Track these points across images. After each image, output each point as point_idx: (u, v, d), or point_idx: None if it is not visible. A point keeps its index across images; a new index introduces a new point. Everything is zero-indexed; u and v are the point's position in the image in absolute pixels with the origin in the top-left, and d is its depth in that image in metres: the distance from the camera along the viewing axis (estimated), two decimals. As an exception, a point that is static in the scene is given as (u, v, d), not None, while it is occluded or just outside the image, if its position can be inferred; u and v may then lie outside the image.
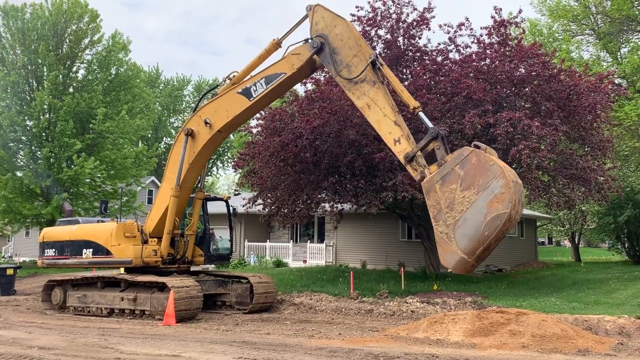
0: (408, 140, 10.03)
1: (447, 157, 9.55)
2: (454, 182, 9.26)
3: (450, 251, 9.20)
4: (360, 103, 10.68)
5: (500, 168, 8.97)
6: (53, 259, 15.31)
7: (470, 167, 9.18)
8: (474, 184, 9.08)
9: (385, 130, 10.31)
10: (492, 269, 25.55)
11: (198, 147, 13.27)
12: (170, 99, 57.85)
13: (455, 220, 9.18)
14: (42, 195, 29.10)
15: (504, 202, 8.77)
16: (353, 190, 18.48)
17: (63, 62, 29.36)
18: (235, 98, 12.55)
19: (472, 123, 15.55)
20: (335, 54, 10.99)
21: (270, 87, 12.06)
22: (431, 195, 9.53)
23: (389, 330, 10.74)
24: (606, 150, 18.82)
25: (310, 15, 11.51)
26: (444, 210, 9.30)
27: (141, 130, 32.99)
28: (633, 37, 29.63)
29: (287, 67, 11.79)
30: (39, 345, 9.56)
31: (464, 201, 9.14)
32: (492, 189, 8.90)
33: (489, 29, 18.24)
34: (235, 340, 10.04)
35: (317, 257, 28.09)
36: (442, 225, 9.33)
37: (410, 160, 9.93)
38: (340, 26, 11.05)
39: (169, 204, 13.56)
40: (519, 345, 8.72)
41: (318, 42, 11.18)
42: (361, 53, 10.71)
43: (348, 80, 10.74)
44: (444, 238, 9.28)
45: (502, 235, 9.01)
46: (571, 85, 17.10)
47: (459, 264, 9.12)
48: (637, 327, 10.50)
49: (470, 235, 8.98)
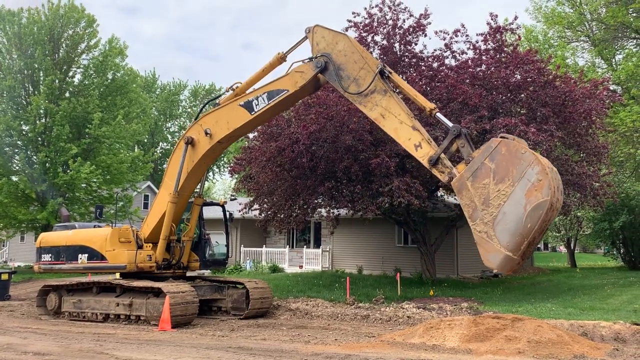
0: (430, 144, 9.79)
1: (474, 154, 9.13)
2: (486, 176, 8.78)
3: (493, 250, 8.64)
4: (374, 114, 10.51)
5: (533, 154, 8.55)
6: (49, 264, 15.27)
7: (502, 159, 8.71)
8: (508, 175, 8.59)
9: (404, 137, 10.09)
10: (488, 274, 25.56)
11: (197, 157, 13.23)
12: (167, 104, 57.86)
13: (494, 217, 8.64)
14: (38, 200, 29.02)
15: (543, 190, 8.27)
16: (349, 196, 18.48)
17: (59, 66, 29.37)
18: (237, 110, 12.47)
19: (469, 129, 15.57)
20: (340, 70, 10.90)
21: (272, 103, 11.97)
22: (464, 194, 9.03)
23: (385, 336, 10.74)
24: (601, 157, 18.89)
25: (310, 37, 11.45)
26: (480, 208, 8.77)
27: (137, 135, 32.98)
28: (628, 44, 29.82)
29: (290, 85, 11.70)
30: (34, 351, 9.51)
31: (499, 195, 8.62)
32: (528, 178, 8.41)
33: (485, 36, 18.32)
34: (231, 345, 10.01)
35: (313, 262, 28.05)
36: (479, 223, 8.79)
37: (435, 163, 9.60)
38: (342, 42, 10.99)
39: (167, 210, 13.53)
40: (515, 350, 8.73)
41: (322, 61, 11.08)
42: (367, 65, 10.62)
43: (358, 94, 10.61)
44: (484, 237, 8.73)
45: (546, 226, 8.55)
46: (566, 92, 17.18)
47: (505, 262, 8.57)
48: (633, 332, 10.51)
49: (512, 230, 8.44)
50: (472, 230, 8.96)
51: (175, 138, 60.22)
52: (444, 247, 23.06)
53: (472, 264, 25.38)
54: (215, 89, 62.05)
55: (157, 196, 14.24)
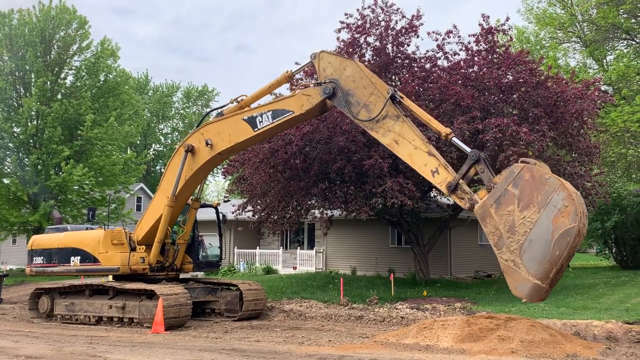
0: (447, 169, 9.62)
1: (495, 179, 9.02)
2: (510, 203, 8.66)
3: (521, 279, 8.50)
4: (387, 140, 10.33)
5: (558, 180, 8.45)
6: (41, 266, 15.18)
7: (525, 184, 8.59)
8: (533, 201, 8.47)
9: (420, 163, 9.91)
10: (481, 274, 25.65)
11: (197, 165, 13.12)
12: (160, 105, 57.66)
13: (520, 245, 8.51)
14: (30, 202, 28.85)
15: (570, 216, 8.18)
16: (343, 197, 18.50)
17: (51, 68, 29.20)
18: (240, 125, 12.29)
19: (461, 129, 15.65)
20: (350, 96, 10.73)
21: (275, 123, 11.83)
22: (487, 222, 8.90)
23: (378, 337, 10.75)
24: (593, 157, 18.99)
25: (316, 63, 11.30)
26: (505, 236, 8.64)
27: (130, 137, 32.84)
28: (619, 45, 30.03)
29: (296, 107, 11.53)
30: (26, 355, 9.45)
31: (525, 222, 8.50)
32: (554, 204, 8.31)
33: (477, 37, 18.38)
34: (225, 347, 9.99)
35: (307, 263, 28.04)
36: (505, 252, 8.65)
37: (454, 189, 9.44)
38: (350, 67, 10.84)
39: (164, 213, 13.47)
40: (508, 350, 8.76)
41: (330, 87, 10.90)
42: (377, 90, 10.46)
43: (369, 120, 10.45)
44: (511, 266, 8.60)
45: (573, 252, 8.50)
46: (558, 92, 17.27)
47: (533, 291, 8.47)
48: (625, 331, 10.58)
49: (540, 258, 8.35)
50: (498, 259, 8.82)
51: (168, 140, 60.05)
52: (437, 247, 23.11)
53: (465, 264, 25.47)
54: (208, 91, 61.93)
55: (153, 200, 14.17)
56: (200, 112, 60.67)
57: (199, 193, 15.10)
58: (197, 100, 61.75)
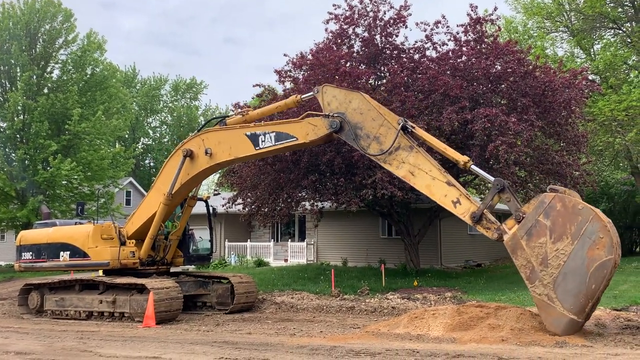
0: (469, 199, 9.46)
1: (524, 208, 8.80)
2: (542, 234, 8.42)
3: (556, 314, 8.33)
4: (402, 172, 10.13)
5: (591, 210, 8.22)
6: (30, 262, 15.07)
7: (557, 215, 8.36)
8: (566, 232, 8.23)
9: (440, 194, 9.73)
10: (471, 264, 25.80)
11: (194, 172, 13.03)
12: (147, 98, 57.25)
13: (554, 278, 8.28)
14: (18, 197, 28.61)
15: (606, 248, 7.97)
16: (333, 189, 18.50)
17: (37, 62, 28.88)
18: (242, 140, 12.14)
19: (450, 120, 15.68)
20: (358, 129, 10.55)
21: (278, 146, 11.74)
22: (519, 254, 8.66)
23: (370, 327, 10.79)
24: (581, 146, 19.11)
25: (320, 97, 11.17)
26: (538, 269, 8.41)
27: (118, 131, 32.63)
28: (606, 34, 30.14)
29: (301, 135, 11.37)
30: (16, 351, 9.40)
31: (558, 254, 8.27)
32: (588, 235, 8.07)
33: (465, 27, 18.38)
34: (216, 340, 9.99)
35: (298, 255, 28.05)
36: (539, 285, 8.42)
37: (479, 219, 9.24)
38: (357, 100, 10.67)
39: (158, 211, 13.46)
40: (498, 338, 8.82)
41: (337, 122, 10.69)
42: (387, 121, 10.30)
43: (382, 154, 10.26)
44: (545, 300, 8.39)
45: (608, 284, 8.32)
46: (546, 82, 17.33)
47: (569, 326, 8.34)
48: (613, 318, 10.70)
49: (575, 292, 8.13)
50: (530, 293, 8.59)
51: (157, 133, 59.65)
52: (428, 237, 23.20)
53: (455, 254, 25.60)
54: (197, 84, 61.53)
55: (147, 197, 14.14)
56: (188, 105, 60.32)
57: (196, 192, 15.06)
58: (185, 94, 61.36)
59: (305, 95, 12.36)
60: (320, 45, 18.91)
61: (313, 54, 18.18)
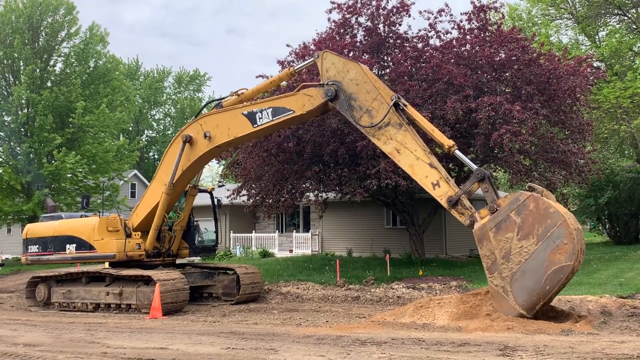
0: (448, 183, 9.57)
1: (499, 201, 8.98)
2: (509, 230, 8.68)
3: (507, 307, 8.69)
4: (388, 148, 10.23)
5: (561, 215, 8.38)
6: (37, 255, 15.15)
7: (528, 214, 8.58)
8: (533, 232, 8.48)
9: (421, 175, 9.88)
10: (476, 253, 25.74)
11: (194, 157, 13.03)
12: (151, 91, 57.21)
13: (512, 273, 8.59)
14: (23, 191, 28.73)
15: (567, 254, 8.21)
16: (337, 179, 18.48)
17: (40, 55, 28.89)
18: (239, 119, 12.13)
19: (454, 108, 15.60)
20: (352, 100, 10.58)
21: (275, 121, 11.70)
22: (484, 244, 8.97)
23: (375, 317, 10.82)
24: (586, 133, 19.02)
25: (319, 62, 11.13)
26: (500, 262, 8.71)
27: (122, 124, 32.67)
28: (611, 21, 29.89)
29: (297, 107, 11.36)
30: (24, 342, 9.47)
31: (521, 252, 8.54)
32: (553, 239, 8.33)
33: (469, 15, 18.25)
34: (223, 331, 10.04)
35: (303, 246, 28.13)
36: (497, 277, 8.75)
37: (455, 204, 9.42)
38: (354, 70, 10.67)
39: (161, 201, 13.45)
40: (504, 327, 8.82)
41: (332, 90, 10.73)
42: (380, 96, 10.32)
43: (371, 127, 10.31)
44: (500, 292, 8.74)
45: (563, 287, 8.57)
46: (551, 69, 17.22)
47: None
48: (619, 306, 10.70)
49: (530, 289, 8.45)
50: (488, 282, 8.87)
51: (160, 126, 59.66)
52: (432, 227, 23.20)
53: (460, 243, 25.60)
54: (200, 75, 61.42)
55: (150, 188, 14.13)
56: (192, 97, 60.23)
57: (197, 180, 15.06)
58: (188, 85, 61.28)
59: (299, 66, 12.31)
60: (323, 35, 18.83)
61: (316, 44, 18.11)
